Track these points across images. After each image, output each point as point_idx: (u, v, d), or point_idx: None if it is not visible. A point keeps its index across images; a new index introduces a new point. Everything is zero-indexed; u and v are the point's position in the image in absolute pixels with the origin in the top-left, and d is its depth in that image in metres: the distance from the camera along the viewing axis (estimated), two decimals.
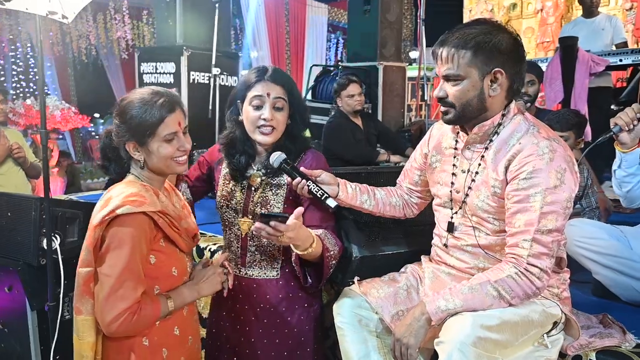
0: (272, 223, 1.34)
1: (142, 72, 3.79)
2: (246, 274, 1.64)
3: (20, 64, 7.51)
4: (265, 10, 8.05)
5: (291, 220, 1.36)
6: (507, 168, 1.34)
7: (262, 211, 1.33)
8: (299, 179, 1.50)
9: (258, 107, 1.55)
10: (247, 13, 7.94)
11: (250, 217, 1.60)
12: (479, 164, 1.41)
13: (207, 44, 3.55)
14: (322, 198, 1.49)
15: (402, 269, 1.63)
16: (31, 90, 7.82)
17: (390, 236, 1.76)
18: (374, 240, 1.73)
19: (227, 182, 1.65)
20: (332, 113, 4.09)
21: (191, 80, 3.53)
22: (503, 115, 1.39)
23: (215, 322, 1.71)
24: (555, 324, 1.40)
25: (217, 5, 3.53)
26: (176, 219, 1.39)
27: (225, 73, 3.52)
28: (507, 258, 1.32)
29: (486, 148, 1.40)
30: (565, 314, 1.40)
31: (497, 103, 1.39)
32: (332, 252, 1.51)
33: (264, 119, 1.53)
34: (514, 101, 1.42)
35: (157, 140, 1.34)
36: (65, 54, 8.00)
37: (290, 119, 1.60)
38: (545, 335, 1.38)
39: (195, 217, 1.62)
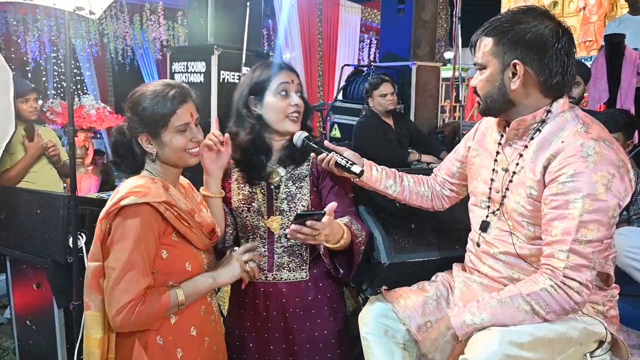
0: (309, 222, 1.28)
1: (173, 71, 3.78)
2: (274, 278, 1.59)
3: (62, 64, 7.71)
4: (298, 11, 8.02)
5: (325, 216, 1.30)
6: (545, 168, 1.23)
7: (299, 211, 1.27)
8: (324, 153, 1.48)
9: (285, 95, 1.52)
10: (280, 14, 7.93)
11: (278, 214, 1.55)
12: (517, 163, 1.30)
13: (238, 44, 3.51)
14: (347, 166, 1.46)
15: (433, 278, 1.54)
16: (72, 89, 8.05)
17: (421, 241, 1.67)
18: (404, 246, 1.64)
19: (242, 185, 1.60)
20: (364, 113, 4.02)
21: (221, 80, 3.49)
22: (548, 111, 1.27)
23: (239, 335, 1.64)
24: (600, 343, 1.27)
25: (248, 4, 3.49)
26: (188, 212, 1.35)
27: (247, 81, 3.48)
28: (542, 269, 1.21)
29: (526, 146, 1.29)
30: (611, 333, 1.27)
31: (531, 98, 1.27)
32: (360, 239, 1.47)
33: (295, 104, 1.52)
34: (564, 97, 1.29)
35: (169, 132, 1.33)
36: (104, 55, 8.18)
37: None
38: (588, 355, 1.26)
39: None
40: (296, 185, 1.55)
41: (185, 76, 3.67)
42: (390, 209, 1.71)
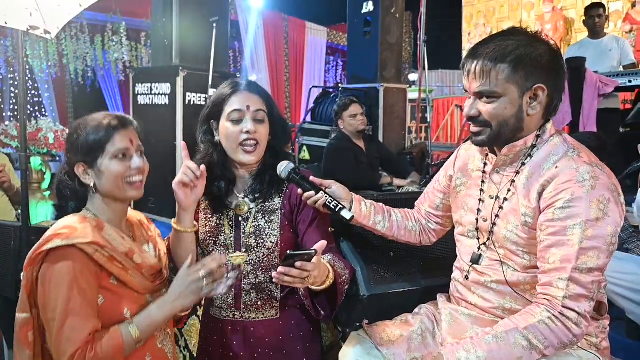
0: (299, 264, 1.16)
1: (137, 93, 3.66)
2: (241, 316, 1.46)
3: (17, 85, 7.41)
4: (264, 33, 8.03)
5: (314, 256, 1.20)
6: (540, 195, 1.18)
7: (289, 252, 1.15)
8: (312, 192, 1.36)
9: (238, 122, 1.39)
10: (246, 36, 7.90)
11: (244, 250, 1.43)
12: (509, 190, 1.25)
13: (204, 65, 3.42)
14: (337, 210, 1.35)
15: (416, 310, 1.45)
16: (28, 111, 7.72)
17: (401, 270, 1.60)
18: (383, 276, 1.56)
19: (210, 216, 1.48)
20: (333, 135, 3.98)
21: (187, 102, 3.39)
22: (538, 136, 1.23)
23: None
24: None
25: (214, 25, 3.43)
26: (125, 253, 1.22)
27: (208, 102, 3.42)
28: (539, 299, 1.14)
29: (517, 172, 1.24)
30: None
31: (534, 122, 1.23)
32: (344, 277, 1.36)
33: (247, 132, 1.38)
34: (551, 121, 1.26)
35: (106, 158, 1.23)
36: (63, 76, 7.92)
37: (272, 135, 1.46)
38: None
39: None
40: (266, 219, 1.43)
41: (150, 98, 3.54)
42: (367, 237, 1.63)
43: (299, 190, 1.39)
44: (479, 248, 1.31)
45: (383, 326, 1.38)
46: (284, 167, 1.40)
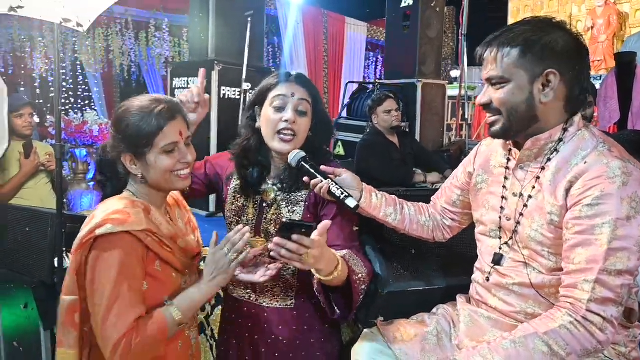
0: (296, 237, 1.12)
1: (174, 87, 3.74)
2: (257, 300, 1.47)
3: (69, 79, 7.74)
4: (304, 29, 8.04)
5: (315, 235, 1.16)
6: (567, 191, 1.11)
7: (284, 219, 1.12)
8: (319, 178, 1.35)
9: (280, 109, 1.39)
10: (286, 31, 7.94)
11: (263, 236, 1.43)
12: (533, 187, 1.18)
13: (239, 60, 3.46)
14: (342, 197, 1.32)
15: (434, 310, 1.41)
16: (79, 105, 8.05)
17: (422, 269, 1.55)
18: (403, 274, 1.52)
19: (239, 196, 1.49)
20: (368, 131, 3.95)
21: (221, 95, 3.44)
22: (565, 129, 1.17)
23: (224, 351, 1.54)
24: None
25: (249, 19, 3.45)
26: (171, 237, 1.24)
27: (256, 89, 3.44)
28: (561, 303, 1.08)
29: (543, 168, 1.18)
30: None
31: (554, 113, 1.16)
32: (360, 275, 1.31)
33: (286, 121, 1.37)
34: (579, 114, 1.19)
35: (155, 152, 1.21)
36: (110, 71, 8.22)
37: (312, 131, 1.45)
38: None
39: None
40: (288, 209, 1.42)
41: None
42: (389, 233, 1.60)
43: (305, 178, 1.37)
44: (500, 248, 1.26)
45: (398, 325, 1.35)
46: (294, 156, 1.39)
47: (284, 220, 1.11)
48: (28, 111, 3.08)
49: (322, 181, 1.34)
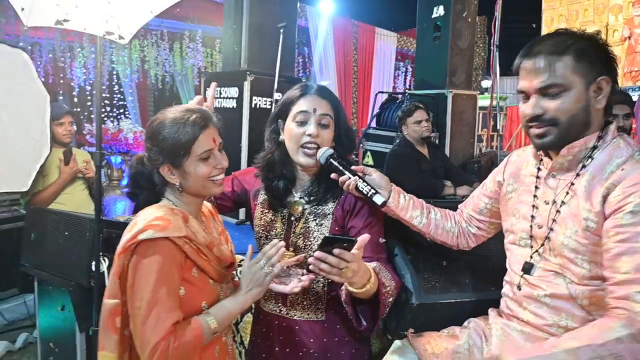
0: (337, 251, 1.14)
1: (207, 96, 3.82)
2: (287, 313, 1.48)
3: (106, 90, 8.01)
4: (334, 39, 8.10)
5: (354, 249, 1.18)
6: (605, 198, 1.10)
7: (327, 234, 1.14)
8: (347, 175, 1.37)
9: (302, 123, 1.42)
10: (316, 41, 8.01)
11: (292, 249, 1.45)
12: (567, 193, 1.18)
13: (270, 70, 3.51)
14: (369, 194, 1.34)
15: (465, 323, 1.40)
16: (114, 114, 8.29)
17: (453, 281, 1.54)
18: (434, 285, 1.51)
19: (266, 211, 1.51)
20: (397, 141, 3.94)
21: (253, 105, 3.48)
22: (599, 137, 1.16)
23: None
24: None
25: (282, 30, 3.51)
26: (207, 245, 1.27)
27: (279, 101, 3.50)
28: (615, 313, 1.03)
29: (577, 175, 1.17)
30: None
31: (598, 120, 1.17)
32: (388, 288, 1.32)
33: (309, 135, 1.40)
34: (614, 122, 1.19)
35: (192, 160, 1.26)
36: (145, 81, 8.45)
37: (335, 141, 1.47)
38: None
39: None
40: (316, 222, 1.44)
41: (219, 101, 3.69)
42: (420, 244, 1.60)
43: (333, 175, 1.39)
44: (531, 257, 1.24)
45: (429, 337, 1.34)
46: (322, 153, 1.40)
47: (326, 234, 1.13)
48: (68, 120, 3.20)
49: (350, 178, 1.36)
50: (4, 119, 2.33)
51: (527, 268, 1.24)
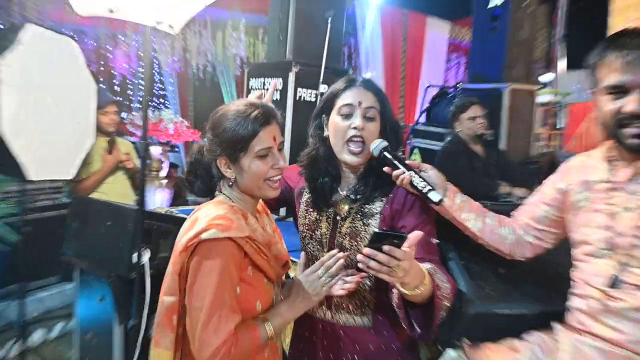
0: (387, 248, 1.12)
1: (250, 87, 3.86)
2: (332, 318, 1.48)
3: (144, 78, 8.23)
4: (382, 29, 8.02)
5: (405, 246, 1.15)
6: None
7: (376, 229, 1.12)
8: (401, 169, 1.37)
9: (347, 116, 1.42)
10: (363, 32, 7.97)
11: (338, 250, 1.44)
12: None
13: (316, 60, 3.50)
14: (425, 190, 1.33)
15: (525, 336, 1.36)
16: (154, 103, 8.52)
17: (512, 291, 1.50)
18: (490, 294, 1.48)
19: (311, 210, 1.52)
20: (449, 138, 3.90)
21: (297, 97, 3.50)
22: None
23: None
24: None
25: (329, 20, 3.50)
26: (265, 244, 1.29)
27: (323, 95, 3.50)
28: None
29: None
30: None
31: None
32: (444, 292, 1.29)
33: (355, 128, 1.40)
34: None
35: (249, 156, 1.28)
36: (186, 71, 8.63)
37: (382, 135, 1.45)
38: None
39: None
40: (363, 221, 1.43)
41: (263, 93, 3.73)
42: (475, 249, 1.56)
43: (386, 169, 1.39)
44: (613, 268, 1.19)
45: (487, 349, 1.31)
46: (377, 145, 1.40)
47: (374, 230, 1.11)
48: (113, 109, 3.31)
49: (404, 172, 1.35)
50: (50, 106, 2.43)
51: (612, 282, 1.19)
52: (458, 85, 5.17)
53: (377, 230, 1.11)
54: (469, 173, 3.39)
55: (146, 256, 2.14)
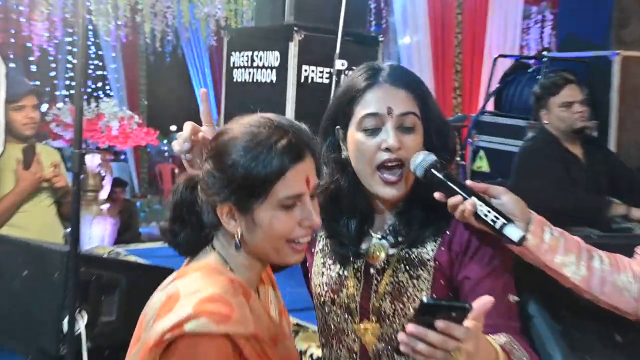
0: (442, 324, 1.10)
1: (232, 65, 3.89)
2: None
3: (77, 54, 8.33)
4: None
5: (469, 320, 1.13)
6: None
7: (424, 299, 1.11)
8: (460, 195, 1.35)
9: (374, 132, 1.41)
10: None
11: (375, 319, 1.46)
12: None
13: (329, 24, 3.53)
14: (498, 226, 1.32)
15: None
16: (90, 89, 8.61)
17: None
18: None
19: (330, 262, 1.54)
20: (531, 134, 3.92)
21: (302, 79, 3.52)
22: None
23: None
24: None
25: None
26: (271, 341, 1.30)
27: (355, 68, 3.51)
28: None
29: None
30: None
31: None
32: None
33: (388, 149, 1.39)
34: None
35: (268, 206, 1.25)
36: (135, 40, 8.72)
37: (426, 146, 1.45)
38: None
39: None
40: (410, 273, 1.44)
41: (249, 73, 3.75)
42: (577, 304, 1.56)
43: (436, 195, 1.38)
44: None
45: None
46: (420, 160, 1.39)
47: (423, 299, 1.10)
48: (31, 102, 3.33)
49: (465, 199, 1.35)
50: None
51: None
52: (543, 55, 5.18)
53: (426, 299, 1.11)
54: (564, 185, 3.41)
55: (82, 322, 2.16)
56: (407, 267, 1.45)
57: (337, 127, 1.50)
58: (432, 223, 1.45)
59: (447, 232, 1.45)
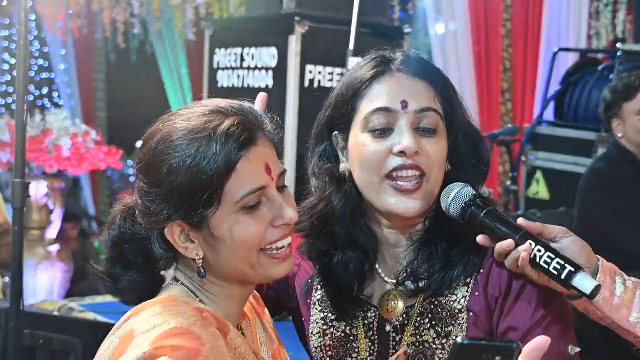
0: None
1: (215, 66, 3.93)
2: None
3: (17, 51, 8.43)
4: None
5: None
6: None
7: (459, 339, 1.13)
8: (510, 240, 1.36)
9: (384, 132, 1.43)
10: None
11: None
12: None
13: (339, 13, 3.58)
14: (564, 275, 1.33)
15: None
16: (33, 96, 8.67)
17: None
18: None
19: (331, 315, 1.56)
20: (602, 151, 3.98)
21: (307, 82, 3.56)
22: None
23: None
24: None
25: None
26: None
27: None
28: None
29: None
30: None
31: None
32: None
33: (402, 152, 1.40)
34: None
35: (227, 212, 1.27)
36: (91, 35, 8.80)
37: (452, 159, 1.49)
38: None
39: None
40: (437, 330, 1.46)
41: (238, 76, 3.79)
42: None
43: (479, 238, 1.39)
44: None
45: None
46: (455, 193, 1.40)
47: (457, 340, 1.12)
48: None
49: (518, 244, 1.35)
50: None
51: None
52: (616, 48, 5.21)
53: (461, 339, 1.12)
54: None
55: None
56: (433, 322, 1.47)
57: (335, 133, 1.52)
58: (461, 260, 1.47)
59: (481, 271, 1.47)
